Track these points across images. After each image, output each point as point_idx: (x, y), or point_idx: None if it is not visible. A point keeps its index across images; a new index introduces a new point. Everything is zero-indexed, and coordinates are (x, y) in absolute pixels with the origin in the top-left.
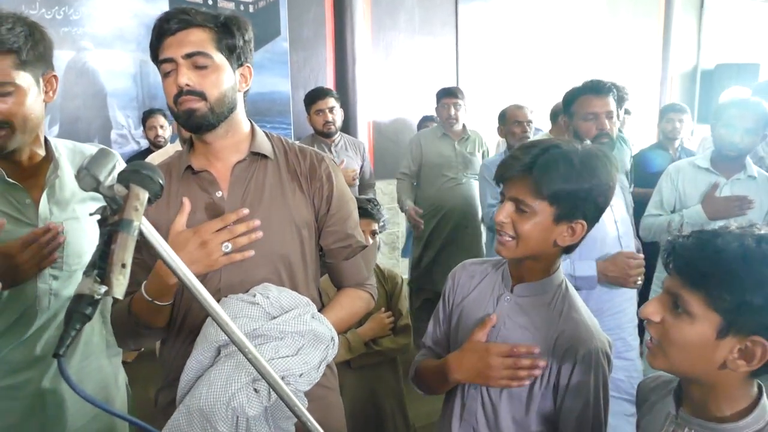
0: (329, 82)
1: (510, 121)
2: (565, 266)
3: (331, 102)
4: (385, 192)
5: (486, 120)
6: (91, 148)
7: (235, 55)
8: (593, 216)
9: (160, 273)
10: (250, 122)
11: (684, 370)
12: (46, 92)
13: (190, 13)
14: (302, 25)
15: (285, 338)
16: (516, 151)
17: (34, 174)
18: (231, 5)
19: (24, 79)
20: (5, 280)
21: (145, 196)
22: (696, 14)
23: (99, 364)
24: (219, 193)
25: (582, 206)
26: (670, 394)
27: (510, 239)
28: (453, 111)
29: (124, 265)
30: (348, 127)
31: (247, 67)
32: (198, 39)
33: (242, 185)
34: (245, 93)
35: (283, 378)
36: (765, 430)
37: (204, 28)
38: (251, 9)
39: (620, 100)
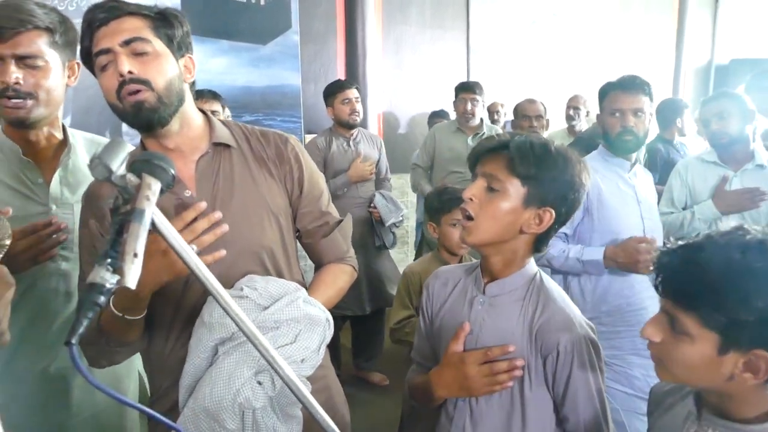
0: (340, 76)
1: (519, 115)
2: (574, 252)
3: (356, 92)
4: (395, 186)
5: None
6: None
7: (175, 44)
8: (562, 209)
9: None
10: (204, 113)
11: (693, 384)
12: (69, 77)
13: (120, 2)
14: (313, 18)
15: (281, 327)
16: (491, 135)
17: (49, 156)
18: None
19: (54, 58)
20: None
21: (157, 186)
22: (711, 9)
23: None
24: (188, 193)
25: (553, 193)
26: (689, 395)
27: (471, 222)
28: (470, 106)
29: (136, 255)
30: None
31: (189, 57)
32: (133, 26)
33: (210, 180)
34: (192, 85)
35: None
36: None
37: (138, 16)
38: (262, 1)
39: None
